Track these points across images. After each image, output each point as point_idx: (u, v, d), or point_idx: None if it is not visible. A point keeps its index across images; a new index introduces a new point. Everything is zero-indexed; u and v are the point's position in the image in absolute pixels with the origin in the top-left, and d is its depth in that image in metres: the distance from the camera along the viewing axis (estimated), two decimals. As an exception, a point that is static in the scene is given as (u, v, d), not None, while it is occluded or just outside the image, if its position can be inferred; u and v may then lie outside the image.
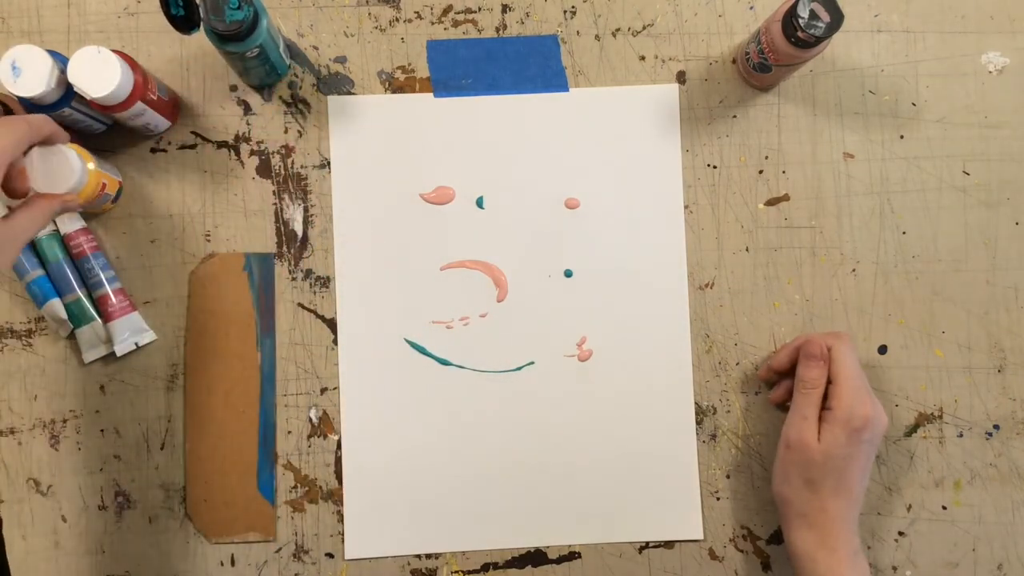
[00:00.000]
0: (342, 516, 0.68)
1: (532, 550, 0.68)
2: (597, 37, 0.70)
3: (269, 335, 0.68)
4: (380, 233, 0.69)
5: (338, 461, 0.68)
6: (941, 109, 0.70)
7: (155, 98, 0.64)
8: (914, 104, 0.70)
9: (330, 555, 0.68)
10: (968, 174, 0.70)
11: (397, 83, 0.70)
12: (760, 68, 0.66)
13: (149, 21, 0.69)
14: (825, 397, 0.62)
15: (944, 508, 0.69)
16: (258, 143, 0.69)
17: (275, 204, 0.69)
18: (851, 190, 0.70)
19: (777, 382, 0.68)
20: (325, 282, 0.69)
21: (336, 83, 0.70)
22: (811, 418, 0.61)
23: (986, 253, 0.70)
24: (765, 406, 0.69)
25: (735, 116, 0.70)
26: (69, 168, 0.57)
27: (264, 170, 0.69)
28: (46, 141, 0.56)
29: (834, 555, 0.59)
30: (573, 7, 0.70)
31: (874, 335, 0.69)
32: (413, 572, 0.68)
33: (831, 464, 0.60)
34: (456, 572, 0.68)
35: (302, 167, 0.69)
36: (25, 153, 0.55)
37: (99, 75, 0.58)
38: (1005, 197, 0.70)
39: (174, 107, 0.68)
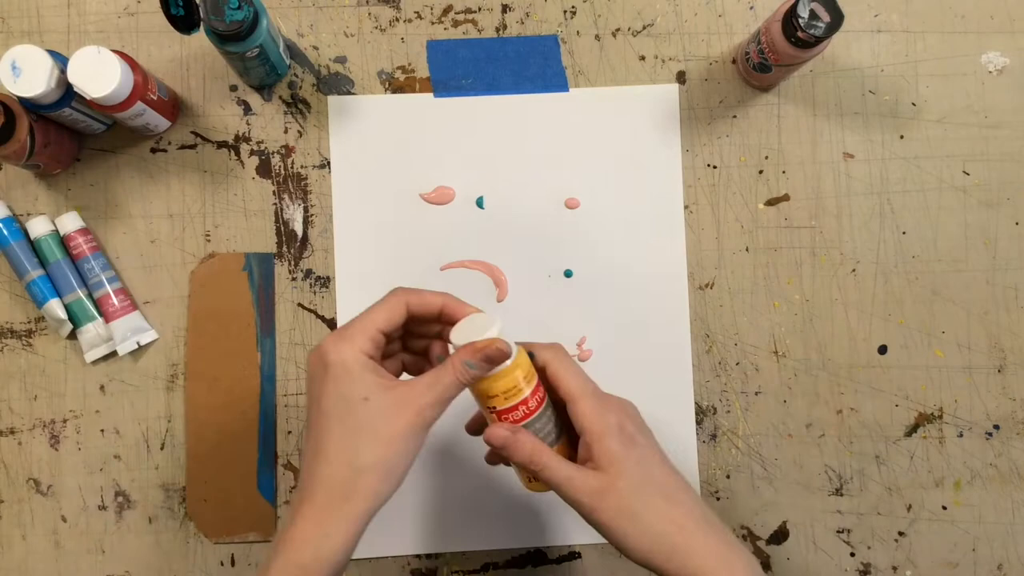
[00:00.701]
0: (342, 516, 0.68)
1: (532, 550, 0.68)
2: (597, 37, 0.70)
3: (269, 335, 0.68)
4: (380, 233, 0.69)
5: (338, 461, 0.68)
6: (941, 109, 0.70)
7: (155, 98, 0.64)
8: (914, 104, 0.70)
9: (330, 555, 0.68)
10: (968, 174, 0.70)
11: (397, 83, 0.70)
12: (760, 68, 0.66)
13: (149, 21, 0.69)
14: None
15: (944, 508, 0.69)
16: (258, 143, 0.69)
17: (275, 204, 0.69)
18: (851, 190, 0.70)
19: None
20: (325, 282, 0.69)
21: (336, 83, 0.70)
22: (570, 468, 0.49)
23: (986, 253, 0.70)
24: (765, 406, 0.69)
25: (735, 116, 0.70)
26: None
27: (264, 170, 0.69)
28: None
29: (748, 562, 0.49)
30: (573, 7, 0.70)
31: (874, 335, 0.69)
32: (413, 572, 0.68)
33: (637, 479, 0.49)
34: (456, 572, 0.68)
35: (302, 167, 0.69)
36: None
37: (99, 75, 0.58)
38: (1005, 197, 0.70)
39: (174, 107, 0.68)
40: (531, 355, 0.52)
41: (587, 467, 0.50)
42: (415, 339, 0.53)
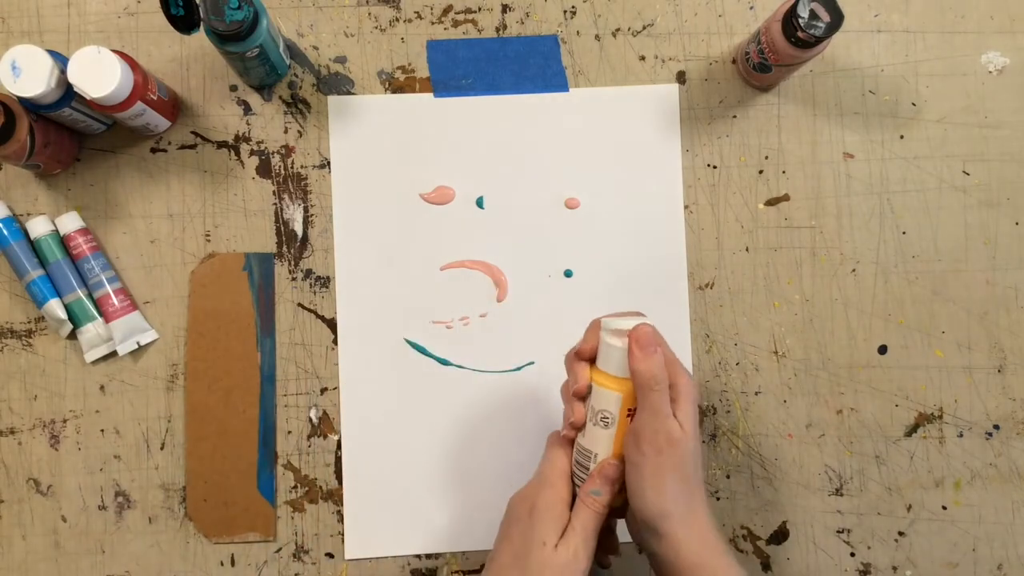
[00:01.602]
0: (342, 516, 0.68)
1: (532, 550, 0.68)
2: (597, 37, 0.70)
3: (269, 335, 0.68)
4: (380, 233, 0.69)
5: (338, 461, 0.68)
6: (941, 109, 0.70)
7: (155, 98, 0.64)
8: (914, 104, 0.70)
9: (330, 555, 0.68)
10: (968, 174, 0.70)
11: (397, 83, 0.70)
12: (760, 68, 0.66)
13: (149, 21, 0.69)
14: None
15: (944, 508, 0.69)
16: (258, 143, 0.69)
17: (275, 204, 0.69)
18: (851, 190, 0.70)
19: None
20: (325, 282, 0.69)
21: (336, 83, 0.70)
22: (669, 412, 0.53)
23: (986, 253, 0.70)
24: (765, 406, 0.69)
25: (735, 116, 0.70)
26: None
27: (264, 170, 0.69)
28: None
29: (724, 556, 0.53)
30: (573, 7, 0.70)
31: (874, 335, 0.69)
32: (413, 572, 0.68)
33: (697, 448, 0.53)
34: (456, 572, 0.68)
35: (302, 167, 0.69)
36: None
37: (99, 75, 0.58)
38: (1005, 197, 0.70)
39: (174, 107, 0.68)
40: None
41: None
42: None
